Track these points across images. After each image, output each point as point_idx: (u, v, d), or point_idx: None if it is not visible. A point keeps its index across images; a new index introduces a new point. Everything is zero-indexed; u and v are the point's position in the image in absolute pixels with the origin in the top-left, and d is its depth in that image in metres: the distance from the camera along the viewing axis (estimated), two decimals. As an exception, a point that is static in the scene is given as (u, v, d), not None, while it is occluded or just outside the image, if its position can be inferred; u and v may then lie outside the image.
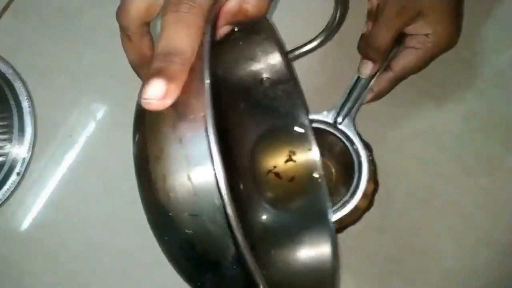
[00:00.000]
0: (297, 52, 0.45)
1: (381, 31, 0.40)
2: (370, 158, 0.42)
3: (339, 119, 0.43)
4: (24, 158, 0.45)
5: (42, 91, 0.47)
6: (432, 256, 0.45)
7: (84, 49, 0.48)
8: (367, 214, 0.43)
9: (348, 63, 0.44)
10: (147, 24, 0.31)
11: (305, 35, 0.46)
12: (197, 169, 0.25)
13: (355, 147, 0.42)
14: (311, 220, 0.40)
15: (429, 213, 0.46)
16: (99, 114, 0.48)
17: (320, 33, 0.44)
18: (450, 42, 0.42)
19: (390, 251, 0.45)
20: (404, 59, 0.42)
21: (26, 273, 0.46)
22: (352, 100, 0.43)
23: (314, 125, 0.43)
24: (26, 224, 0.46)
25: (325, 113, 0.43)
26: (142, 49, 0.32)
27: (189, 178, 0.25)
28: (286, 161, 0.42)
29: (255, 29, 0.38)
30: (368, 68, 0.42)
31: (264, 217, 0.41)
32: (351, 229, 0.43)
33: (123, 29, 0.31)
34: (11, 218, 0.46)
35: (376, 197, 0.44)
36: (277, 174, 0.42)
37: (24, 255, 0.46)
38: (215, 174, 0.24)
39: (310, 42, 0.45)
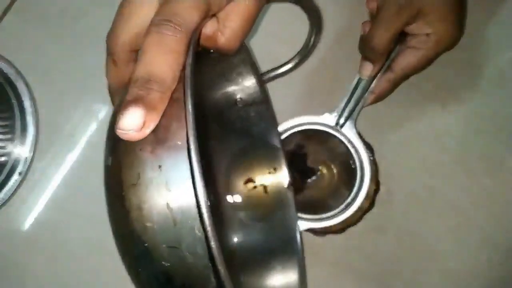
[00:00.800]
0: (271, 74, 0.44)
1: (379, 31, 0.39)
2: (372, 158, 0.42)
3: (341, 121, 0.43)
4: (26, 158, 0.45)
5: (44, 91, 0.47)
6: (433, 257, 0.45)
7: (87, 49, 0.48)
8: (368, 214, 0.43)
9: (349, 65, 0.44)
10: (135, 51, 0.29)
11: (282, 56, 0.45)
12: (178, 198, 0.24)
13: (357, 149, 0.42)
14: (280, 244, 0.40)
15: (430, 213, 0.46)
16: (101, 114, 0.48)
17: (295, 55, 0.43)
18: (452, 41, 0.41)
19: (391, 252, 0.45)
20: (405, 60, 0.41)
21: (28, 273, 0.46)
22: (353, 102, 0.43)
23: (315, 127, 0.43)
24: (27, 224, 0.46)
25: (326, 115, 0.43)
26: (124, 76, 0.30)
27: (168, 207, 0.24)
28: (254, 181, 0.42)
29: None
30: (368, 69, 0.41)
31: (235, 239, 0.40)
32: (352, 230, 0.43)
33: (110, 53, 0.30)
34: (13, 218, 0.46)
35: (377, 197, 0.44)
36: (250, 191, 0.42)
37: (25, 254, 0.46)
38: (197, 204, 0.23)
39: (284, 64, 0.43)
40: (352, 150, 0.42)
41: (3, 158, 0.45)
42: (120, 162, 0.25)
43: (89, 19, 0.48)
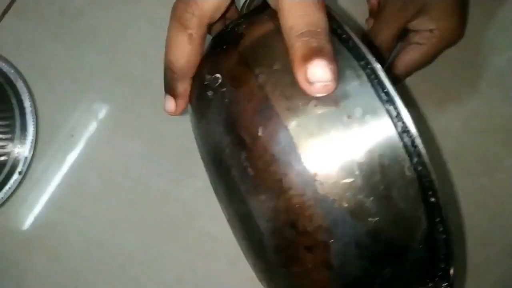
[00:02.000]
0: None
1: (382, 27, 0.39)
2: None
3: None
4: (26, 158, 0.45)
5: (44, 91, 0.47)
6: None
7: (86, 49, 0.48)
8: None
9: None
10: (210, 26, 0.29)
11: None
12: (380, 141, 0.22)
13: None
14: None
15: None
16: (101, 114, 0.48)
17: None
18: (455, 36, 0.41)
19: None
20: (408, 56, 0.41)
21: (28, 272, 0.46)
22: None
23: None
24: (27, 223, 0.46)
25: None
26: (198, 55, 0.29)
27: (371, 154, 0.22)
28: None
29: None
30: None
31: None
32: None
33: (184, 27, 0.28)
34: (12, 217, 0.46)
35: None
36: None
37: (25, 254, 0.46)
38: (404, 142, 0.21)
39: None
40: None
41: (3, 158, 0.45)
42: (292, 123, 0.23)
43: (88, 19, 0.48)
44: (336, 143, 0.22)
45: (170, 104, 0.30)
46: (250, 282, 0.47)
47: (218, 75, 0.26)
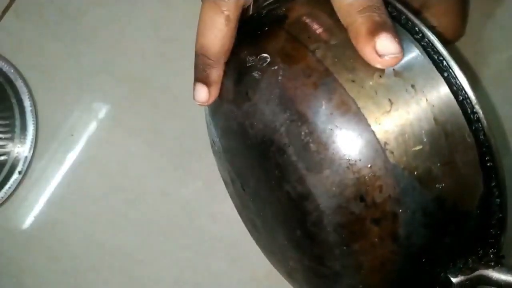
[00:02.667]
0: None
1: None
2: None
3: None
4: (26, 157, 0.45)
5: (43, 90, 0.47)
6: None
7: (86, 48, 0.48)
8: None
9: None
10: (244, 7, 0.28)
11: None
12: (442, 108, 0.23)
13: None
14: None
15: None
16: (101, 114, 0.48)
17: None
18: (455, 33, 0.41)
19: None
20: None
21: (28, 271, 0.46)
22: None
23: None
24: (27, 222, 0.46)
25: None
26: (233, 39, 0.28)
27: (436, 122, 0.23)
28: None
29: None
30: None
31: None
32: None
33: (220, 8, 0.27)
34: (12, 216, 0.46)
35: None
36: None
37: (25, 253, 0.46)
38: (464, 109, 0.22)
39: None
40: None
41: (3, 157, 0.45)
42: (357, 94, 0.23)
43: (88, 19, 0.48)
44: (404, 112, 0.23)
45: (203, 92, 0.27)
46: (250, 282, 0.47)
47: (265, 54, 0.26)
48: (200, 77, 0.28)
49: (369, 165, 0.23)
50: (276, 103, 0.25)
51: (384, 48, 0.23)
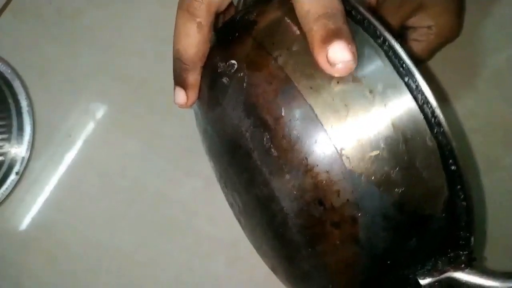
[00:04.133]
0: None
1: None
2: None
3: None
4: (23, 158, 0.45)
5: (41, 91, 0.47)
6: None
7: (83, 49, 0.48)
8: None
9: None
10: (217, 15, 0.29)
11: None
12: (399, 113, 0.23)
13: None
14: None
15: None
16: (98, 114, 0.48)
17: None
18: (452, 33, 0.41)
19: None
20: None
21: (25, 273, 0.46)
22: None
23: None
24: (25, 223, 0.46)
25: None
26: (207, 44, 0.29)
27: (393, 127, 0.23)
28: None
29: None
30: None
31: None
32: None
33: (193, 15, 0.28)
34: (10, 217, 0.46)
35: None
36: None
37: (23, 254, 0.46)
38: (424, 112, 0.22)
39: None
40: None
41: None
42: (318, 100, 0.23)
43: (85, 19, 0.48)
44: (361, 118, 0.23)
45: (181, 96, 0.29)
46: (249, 283, 0.46)
47: (233, 61, 0.27)
48: (178, 81, 0.29)
49: (326, 171, 0.23)
50: (242, 109, 0.25)
51: (336, 56, 0.23)
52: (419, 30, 0.41)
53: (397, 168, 0.23)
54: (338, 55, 0.23)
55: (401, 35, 0.41)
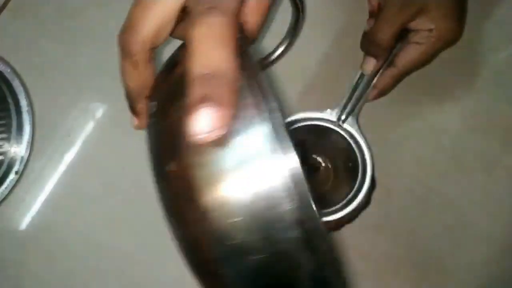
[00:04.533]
0: (265, 61, 0.44)
1: (383, 27, 0.40)
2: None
3: (343, 117, 0.43)
4: (22, 157, 0.45)
5: (40, 90, 0.47)
6: (430, 254, 0.45)
7: (83, 48, 0.48)
8: (365, 213, 0.43)
9: (351, 61, 0.44)
10: (154, 49, 0.28)
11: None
12: (263, 178, 0.22)
13: (359, 144, 0.42)
14: None
15: (427, 211, 0.46)
16: (98, 114, 0.48)
17: (283, 39, 0.43)
18: (453, 37, 0.42)
19: (388, 250, 0.46)
20: (408, 55, 0.42)
21: (25, 273, 0.46)
22: (355, 98, 0.43)
23: (317, 123, 0.43)
24: (24, 223, 0.46)
25: (328, 111, 0.43)
26: (147, 78, 0.29)
27: (257, 194, 0.22)
28: None
29: None
30: (370, 64, 0.42)
31: None
32: (349, 228, 0.44)
33: (128, 54, 0.28)
34: (9, 217, 0.46)
35: (374, 195, 0.44)
36: None
37: (22, 254, 0.46)
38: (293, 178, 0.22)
39: (275, 49, 0.43)
40: (354, 146, 0.42)
41: (-1, 158, 0.45)
42: (188, 164, 0.23)
43: (85, 18, 0.48)
44: (227, 183, 0.23)
45: (133, 121, 0.32)
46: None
47: (154, 102, 0.27)
48: (129, 108, 0.31)
49: (195, 228, 0.24)
50: (151, 153, 0.26)
51: (198, 124, 0.22)
52: (420, 33, 0.41)
53: (256, 236, 0.23)
54: (202, 123, 0.22)
55: (402, 37, 0.41)
